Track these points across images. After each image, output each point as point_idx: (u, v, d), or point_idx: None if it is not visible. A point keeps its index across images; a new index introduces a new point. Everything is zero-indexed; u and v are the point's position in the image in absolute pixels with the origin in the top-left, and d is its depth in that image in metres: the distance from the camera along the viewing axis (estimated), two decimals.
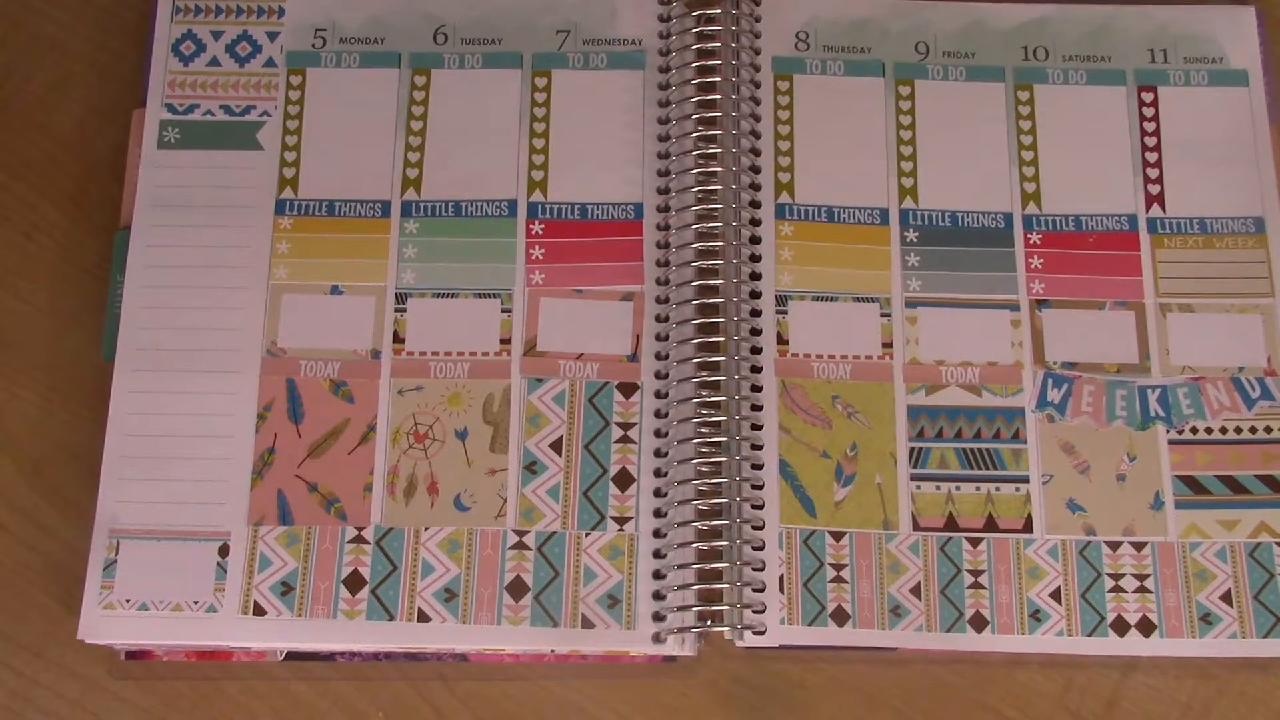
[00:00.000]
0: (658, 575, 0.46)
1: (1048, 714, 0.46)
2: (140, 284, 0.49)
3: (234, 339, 0.49)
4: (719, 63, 0.51)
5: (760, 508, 0.47)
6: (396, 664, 0.47)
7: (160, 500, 0.47)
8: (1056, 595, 0.46)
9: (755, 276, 0.50)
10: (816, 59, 0.53)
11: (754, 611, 0.46)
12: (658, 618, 0.46)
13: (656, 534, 0.47)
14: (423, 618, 0.46)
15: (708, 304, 0.48)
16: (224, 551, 0.46)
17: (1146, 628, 0.46)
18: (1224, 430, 0.48)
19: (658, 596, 0.46)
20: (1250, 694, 0.46)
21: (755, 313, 0.49)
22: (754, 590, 0.46)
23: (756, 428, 0.48)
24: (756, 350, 0.49)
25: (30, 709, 0.46)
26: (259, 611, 0.46)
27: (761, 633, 0.45)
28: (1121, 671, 0.47)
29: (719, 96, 0.51)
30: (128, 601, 0.46)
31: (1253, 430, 0.48)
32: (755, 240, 0.50)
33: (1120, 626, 0.46)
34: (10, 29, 0.54)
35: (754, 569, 0.46)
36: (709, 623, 0.45)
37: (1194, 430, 0.48)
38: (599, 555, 0.46)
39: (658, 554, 0.46)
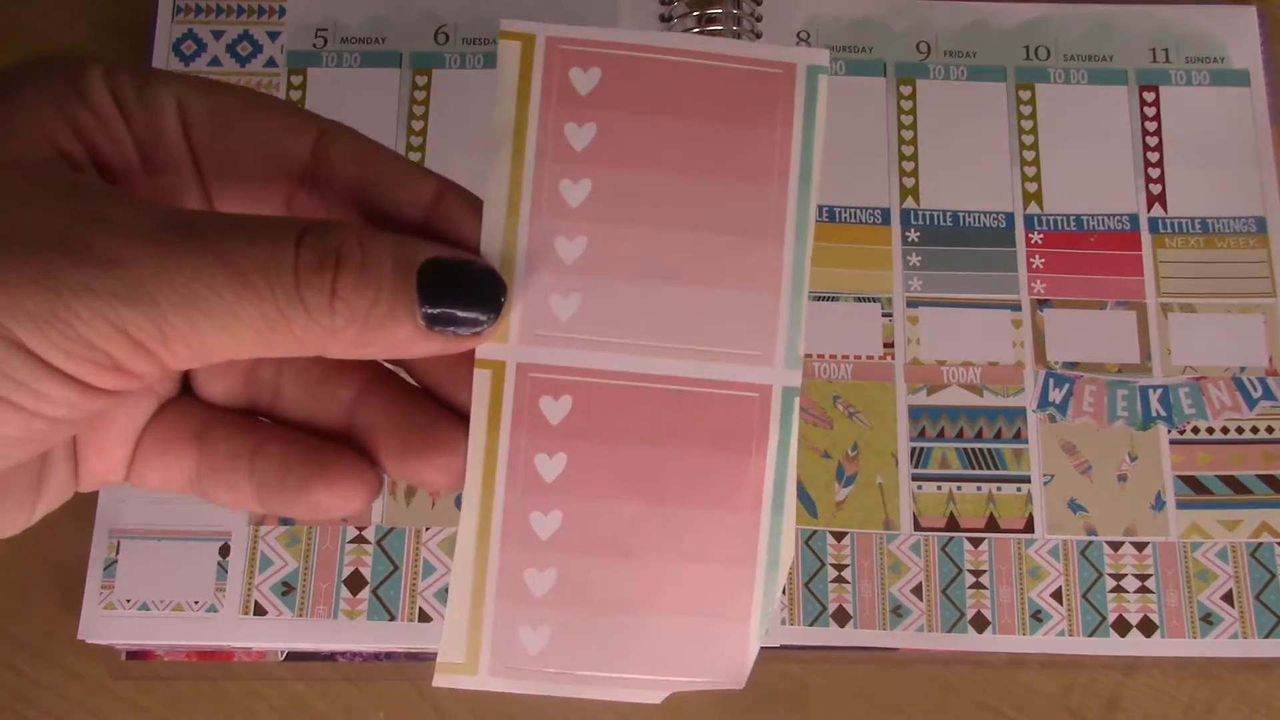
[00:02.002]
0: None
1: (1049, 714, 0.46)
2: None
3: None
4: None
5: None
6: (397, 664, 0.47)
7: (161, 500, 0.47)
8: (1058, 595, 0.46)
9: None
10: None
11: None
12: None
13: None
14: (424, 618, 0.45)
15: None
16: (225, 551, 0.46)
17: (1148, 628, 0.46)
18: (1225, 430, 0.48)
19: None
20: (1252, 694, 0.46)
21: None
22: None
23: None
24: None
25: (30, 709, 0.46)
26: (260, 611, 0.46)
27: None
28: (1123, 672, 0.47)
29: None
30: (128, 601, 0.46)
31: (1254, 430, 0.48)
32: None
33: (1121, 627, 0.46)
34: (10, 29, 0.54)
35: None
36: None
37: (1195, 430, 0.48)
38: None
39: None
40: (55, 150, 0.24)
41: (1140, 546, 0.47)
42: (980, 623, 0.46)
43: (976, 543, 0.47)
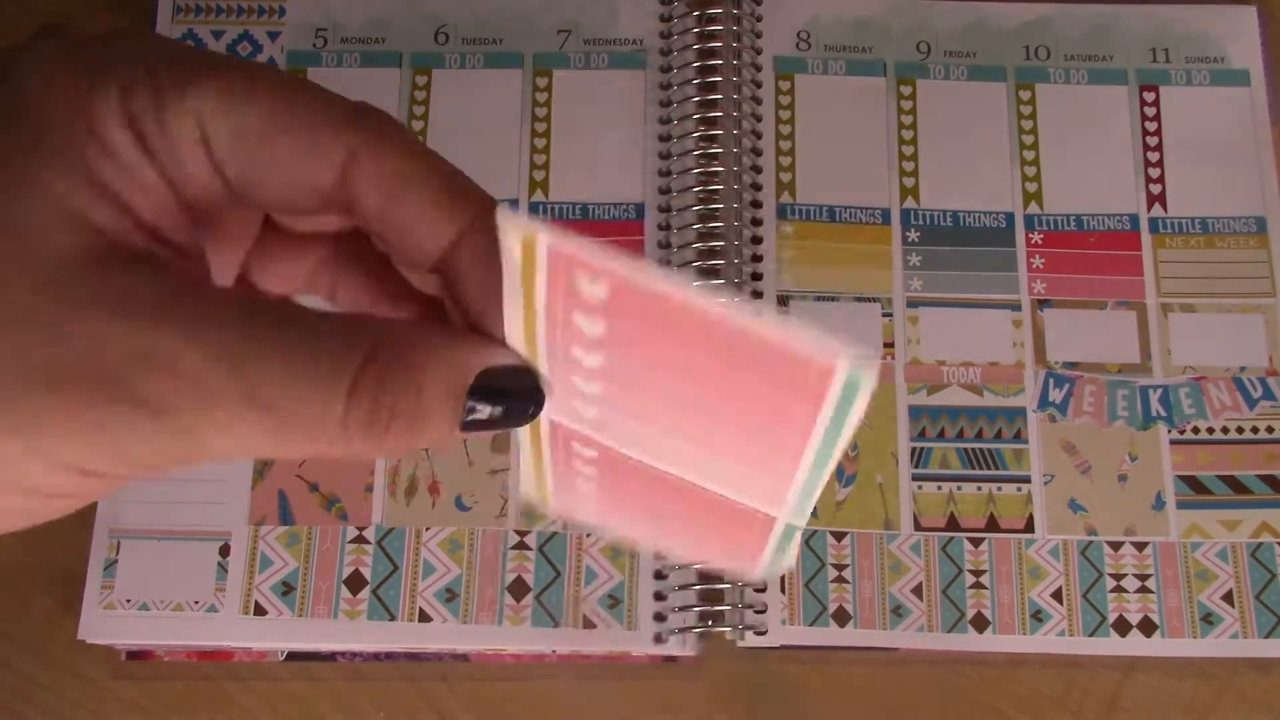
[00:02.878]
0: (659, 575, 0.46)
1: (1049, 714, 0.46)
2: None
3: None
4: (720, 62, 0.51)
5: None
6: (397, 664, 0.47)
7: (161, 500, 0.47)
8: (1058, 595, 0.46)
9: (757, 276, 0.50)
10: (818, 58, 0.53)
11: (755, 612, 0.45)
12: (659, 618, 0.46)
13: None
14: (424, 618, 0.45)
15: None
16: (225, 551, 0.46)
17: (1148, 628, 0.46)
18: (1225, 430, 0.48)
19: (659, 597, 0.46)
20: (1252, 694, 0.46)
21: None
22: (755, 591, 0.46)
23: None
24: None
25: (30, 709, 0.46)
26: (260, 611, 0.45)
27: (763, 633, 0.45)
28: (1123, 672, 0.47)
29: (720, 96, 0.51)
30: (128, 601, 0.46)
31: (1254, 430, 0.48)
32: (757, 240, 0.50)
33: (1122, 627, 0.46)
34: (10, 29, 0.54)
35: None
36: (710, 623, 0.45)
37: (1195, 430, 0.48)
38: (600, 555, 0.46)
39: (659, 554, 0.46)
40: (89, 231, 0.23)
41: (1140, 546, 0.47)
42: (980, 623, 0.46)
43: (977, 543, 0.47)
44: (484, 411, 0.24)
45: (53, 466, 0.22)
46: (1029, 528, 0.47)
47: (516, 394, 0.25)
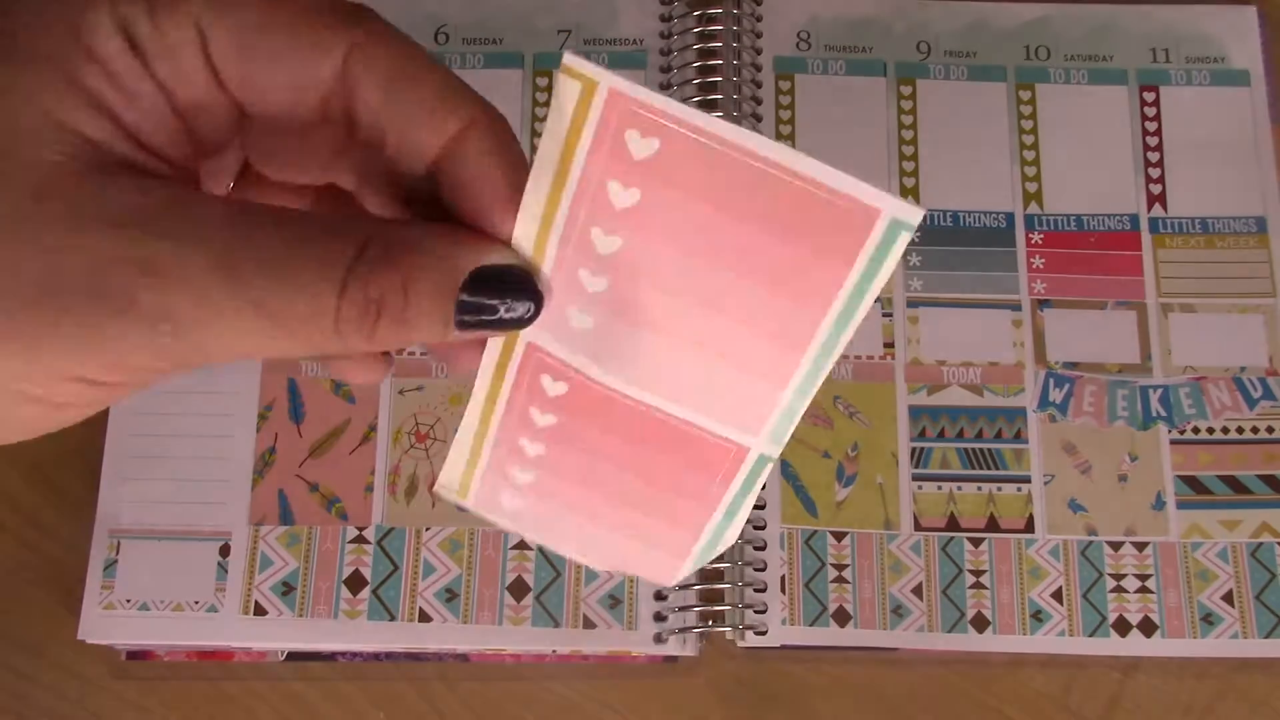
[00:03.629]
0: None
1: (1049, 714, 0.46)
2: None
3: None
4: (720, 62, 0.51)
5: (762, 508, 0.47)
6: (398, 664, 0.47)
7: (161, 500, 0.47)
8: (1058, 595, 0.46)
9: None
10: (818, 58, 0.53)
11: (755, 612, 0.46)
12: (659, 618, 0.46)
13: None
14: (424, 618, 0.45)
15: None
16: (225, 551, 0.46)
17: (1148, 628, 0.46)
18: (1226, 430, 0.48)
19: (659, 597, 0.46)
20: (1252, 694, 0.46)
21: None
22: (755, 591, 0.46)
23: None
24: None
25: (30, 709, 0.46)
26: (260, 611, 0.45)
27: (763, 633, 0.45)
28: (1123, 672, 0.47)
29: (720, 96, 0.51)
30: (128, 601, 0.46)
31: (1254, 430, 0.48)
32: None
33: (1122, 627, 0.46)
34: None
35: (755, 569, 0.46)
36: (710, 623, 0.45)
37: (1196, 430, 0.48)
38: None
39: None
40: (80, 143, 0.23)
41: (1140, 546, 0.47)
42: (980, 623, 0.46)
43: (977, 543, 0.47)
44: (478, 311, 0.24)
45: (53, 376, 0.23)
46: (1029, 528, 0.47)
47: (513, 293, 0.25)
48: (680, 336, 0.25)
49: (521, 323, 0.25)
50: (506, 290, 0.25)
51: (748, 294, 0.24)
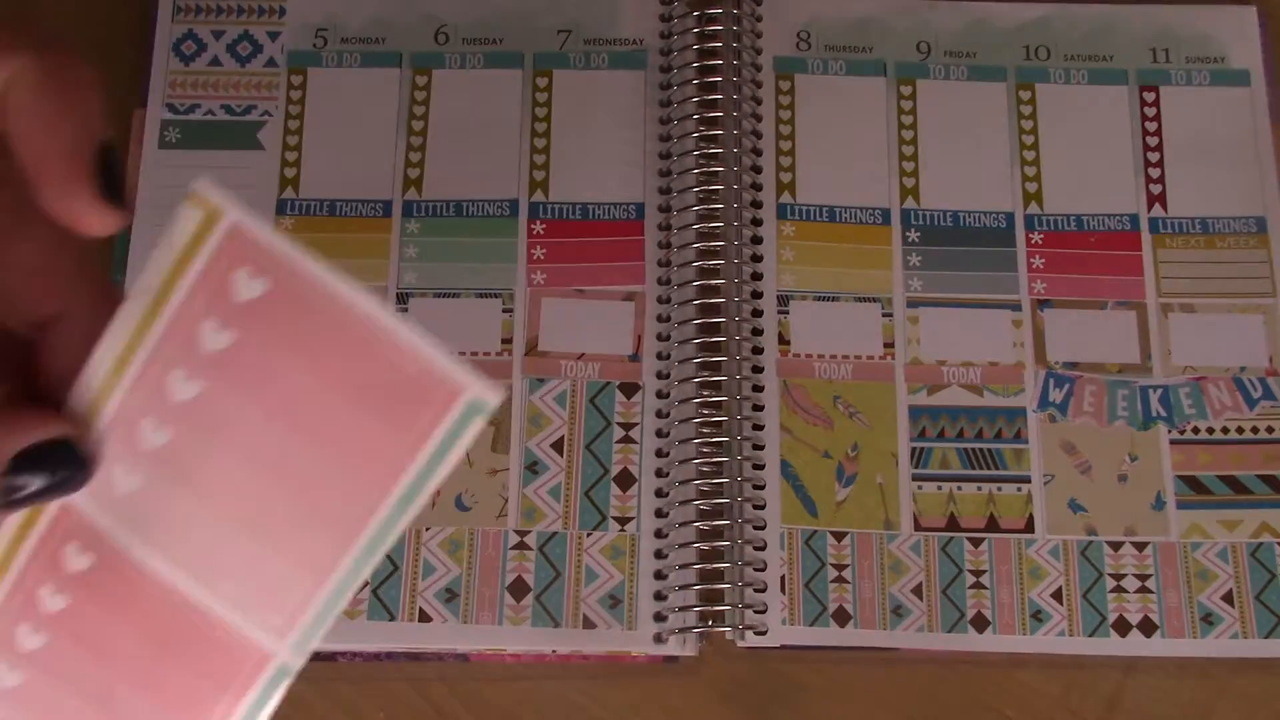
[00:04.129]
0: (659, 575, 0.46)
1: (1049, 714, 0.46)
2: None
3: None
4: (720, 63, 0.51)
5: (762, 508, 0.47)
6: (398, 664, 0.47)
7: None
8: (1058, 595, 0.46)
9: (757, 276, 0.50)
10: (818, 59, 0.53)
11: (755, 612, 0.46)
12: (659, 618, 0.46)
13: (658, 534, 0.46)
14: (424, 618, 0.45)
15: (709, 304, 0.48)
16: None
17: (1148, 628, 0.46)
18: (1225, 430, 0.48)
19: (659, 597, 0.46)
20: (1252, 694, 0.46)
21: (757, 313, 0.49)
22: (755, 590, 0.46)
23: (758, 428, 0.48)
24: (758, 350, 0.49)
25: None
26: None
27: (763, 633, 0.45)
28: (1123, 672, 0.47)
29: (720, 96, 0.51)
30: None
31: (1254, 430, 0.48)
32: (757, 240, 0.50)
33: (1122, 627, 0.46)
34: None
35: (755, 569, 0.46)
36: (710, 623, 0.45)
37: (1195, 430, 0.48)
38: (600, 555, 0.46)
39: (659, 554, 0.46)
40: None
41: (1140, 546, 0.47)
42: (980, 623, 0.46)
43: (977, 543, 0.47)
44: (25, 488, 0.23)
45: None
46: (1029, 528, 0.47)
47: (63, 467, 0.24)
48: (232, 507, 0.24)
49: (76, 488, 0.24)
50: (51, 464, 0.24)
51: (315, 465, 0.23)
